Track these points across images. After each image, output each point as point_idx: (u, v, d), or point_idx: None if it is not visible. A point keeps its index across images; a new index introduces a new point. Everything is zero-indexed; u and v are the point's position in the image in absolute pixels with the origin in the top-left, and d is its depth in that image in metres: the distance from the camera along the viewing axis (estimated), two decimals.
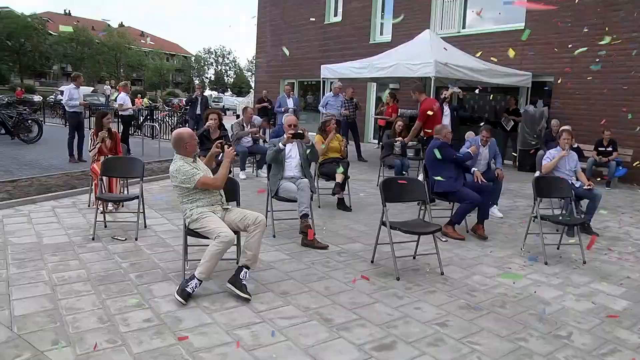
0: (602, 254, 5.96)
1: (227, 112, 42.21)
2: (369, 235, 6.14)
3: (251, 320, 3.74)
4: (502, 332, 3.74)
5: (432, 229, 4.94)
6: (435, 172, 6.41)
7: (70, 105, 11.07)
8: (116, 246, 5.38)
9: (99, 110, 7.62)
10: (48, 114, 24.05)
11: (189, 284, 4.05)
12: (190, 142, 4.40)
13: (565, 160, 6.99)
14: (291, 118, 6.36)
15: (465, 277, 4.93)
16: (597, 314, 4.18)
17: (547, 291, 4.63)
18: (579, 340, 3.68)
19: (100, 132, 7.04)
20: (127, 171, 6.26)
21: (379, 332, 3.64)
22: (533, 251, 5.85)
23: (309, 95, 22.08)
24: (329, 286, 4.50)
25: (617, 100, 11.62)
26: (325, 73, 13.55)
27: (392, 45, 14.47)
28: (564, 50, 12.39)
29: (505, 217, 7.57)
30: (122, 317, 3.70)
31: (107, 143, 7.10)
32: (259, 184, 9.34)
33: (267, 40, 22.70)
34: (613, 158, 10.81)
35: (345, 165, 7.52)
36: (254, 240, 4.27)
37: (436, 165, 6.41)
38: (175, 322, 3.65)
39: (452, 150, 6.54)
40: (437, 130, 6.68)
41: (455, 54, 12.02)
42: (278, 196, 6.09)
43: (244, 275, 4.21)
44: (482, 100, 15.24)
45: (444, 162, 6.38)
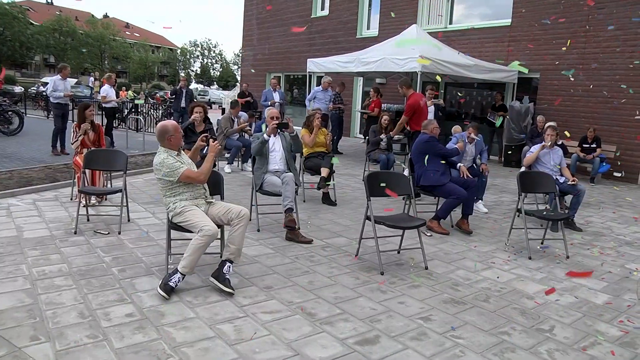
0: (585, 249, 6.02)
1: (213, 106, 42.03)
2: (354, 229, 6.16)
3: (234, 315, 3.72)
4: (485, 326, 3.77)
5: (417, 224, 4.95)
6: (421, 166, 6.44)
7: (55, 97, 10.97)
8: (99, 240, 5.34)
9: (81, 102, 7.51)
10: (30, 106, 23.75)
11: (171, 278, 4.03)
12: (174, 135, 4.36)
13: (549, 155, 7.05)
14: (273, 111, 6.35)
15: (450, 271, 4.95)
16: (579, 307, 4.22)
17: (530, 285, 4.67)
18: (561, 333, 3.72)
19: (83, 125, 6.97)
20: (111, 164, 6.20)
21: (363, 327, 3.64)
22: (517, 246, 5.90)
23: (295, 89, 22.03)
24: (312, 280, 4.50)
25: (602, 96, 11.72)
26: (311, 67, 13.53)
27: (379, 40, 14.50)
28: (550, 46, 12.49)
29: (490, 212, 7.63)
30: (104, 312, 3.66)
31: (90, 135, 7.03)
32: (244, 177, 9.32)
33: (253, 33, 22.59)
34: (597, 154, 10.92)
35: (330, 159, 7.51)
36: (238, 234, 4.26)
37: (422, 160, 6.44)
38: (157, 317, 3.62)
39: (440, 145, 6.57)
40: (424, 125, 6.71)
41: (442, 49, 12.05)
42: (262, 190, 6.08)
43: (227, 269, 4.19)
44: (469, 96, 15.31)
45: (431, 157, 6.41)
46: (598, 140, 11.02)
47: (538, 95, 13.07)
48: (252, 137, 6.32)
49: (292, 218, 5.67)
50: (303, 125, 7.95)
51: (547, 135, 7.08)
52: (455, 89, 15.67)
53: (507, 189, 9.63)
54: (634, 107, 11.15)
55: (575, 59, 12.12)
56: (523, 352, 3.41)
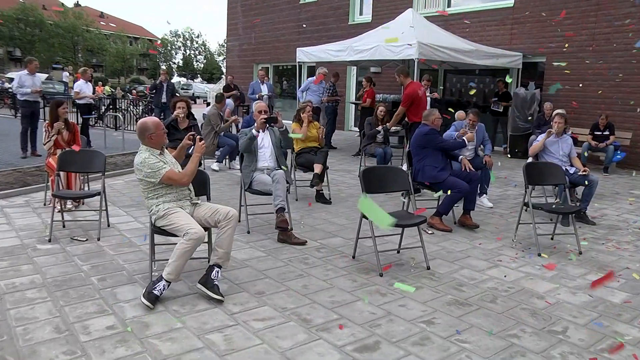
0: (599, 244, 6.04)
1: (197, 100, 41.98)
2: (350, 229, 6.16)
3: (224, 323, 3.72)
4: (492, 328, 3.77)
5: (417, 221, 4.96)
6: (421, 159, 6.44)
7: (22, 94, 10.75)
8: (76, 247, 5.31)
9: (54, 99, 7.45)
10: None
11: (156, 286, 4.01)
12: (156, 132, 4.33)
13: (558, 144, 7.05)
14: (261, 104, 6.35)
15: (453, 271, 4.97)
16: (594, 307, 4.22)
17: (540, 284, 4.68)
18: (575, 335, 3.72)
19: (56, 123, 6.92)
20: (87, 165, 6.15)
21: (361, 332, 3.64)
22: (525, 242, 5.91)
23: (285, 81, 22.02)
24: (307, 284, 4.50)
25: (614, 80, 11.73)
26: (301, 56, 13.52)
27: (373, 26, 14.49)
28: (557, 28, 12.50)
29: (496, 206, 7.65)
30: (82, 325, 3.63)
31: (64, 135, 6.98)
32: (232, 176, 9.31)
33: (238, 22, 22.55)
34: (610, 142, 10.93)
35: (323, 155, 7.52)
36: (226, 236, 4.25)
37: (422, 153, 6.44)
38: (141, 328, 3.61)
39: (440, 138, 6.57)
40: (424, 116, 6.70)
41: (440, 34, 12.06)
42: (252, 189, 6.07)
43: (216, 274, 4.18)
44: (470, 84, 15.33)
45: (431, 150, 6.41)
46: (611, 126, 11.02)
47: (545, 80, 13.09)
48: (240, 133, 6.31)
49: (284, 218, 5.66)
50: (293, 118, 7.94)
51: (554, 123, 7.09)
52: (455, 77, 15.69)
53: (513, 181, 9.66)
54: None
55: (584, 40, 12.14)
56: (534, 355, 3.41)
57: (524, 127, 12.41)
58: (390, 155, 9.23)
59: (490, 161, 7.38)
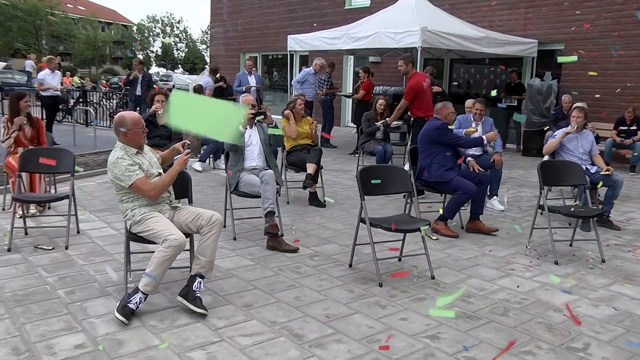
0: (625, 251, 6.07)
1: None
2: (346, 234, 6.19)
3: (207, 340, 3.72)
4: (504, 344, 3.78)
5: (420, 226, 4.97)
6: (428, 156, 6.45)
7: None
8: (40, 257, 5.30)
9: (14, 91, 7.41)
10: None
11: (131, 299, 4.00)
12: (132, 129, 4.29)
13: (577, 141, 7.06)
14: (249, 98, 6.37)
15: (460, 281, 4.99)
16: (620, 321, 4.24)
17: (557, 296, 4.70)
18: (599, 353, 3.72)
19: (17, 119, 6.86)
20: (54, 165, 6.14)
21: (359, 349, 3.66)
22: (540, 249, 5.94)
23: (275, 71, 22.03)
24: (299, 296, 4.52)
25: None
26: (293, 45, 13.55)
27: (371, 11, 14.53)
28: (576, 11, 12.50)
29: (508, 210, 7.68)
30: (46, 345, 3.60)
31: (26, 131, 6.94)
32: (217, 177, 9.32)
33: (223, 6, 22.56)
34: (638, 138, 10.94)
35: (317, 153, 7.52)
36: (209, 243, 4.25)
37: (431, 149, 6.45)
38: (115, 347, 3.60)
39: (454, 134, 6.61)
40: (437, 109, 6.71)
41: (446, 19, 12.10)
42: (239, 191, 6.08)
43: (198, 285, 4.19)
44: (479, 74, 15.38)
45: (441, 147, 6.42)
46: (639, 120, 11.06)
47: (563, 70, 13.13)
48: None
49: (273, 223, 5.67)
50: (282, 114, 7.96)
51: (573, 118, 7.11)
52: (463, 67, 15.74)
53: (527, 182, 9.70)
54: None
55: (609, 24, 12.15)
56: None
57: (539, 122, 12.42)
58: (390, 154, 9.26)
59: (500, 160, 7.40)
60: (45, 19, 60.95)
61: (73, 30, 66.05)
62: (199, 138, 9.61)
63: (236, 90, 13.78)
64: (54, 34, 64.53)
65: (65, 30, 64.75)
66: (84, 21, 69.37)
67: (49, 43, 65.05)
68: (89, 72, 62.92)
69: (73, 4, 71.02)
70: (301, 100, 7.79)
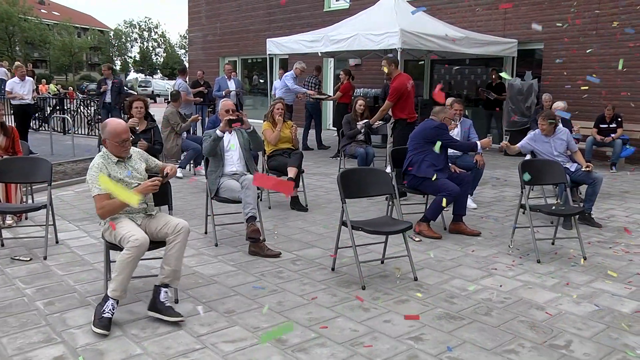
0: (606, 248, 6.15)
1: (158, 99, 41.79)
2: (329, 238, 6.20)
3: (190, 347, 3.72)
4: (487, 344, 3.83)
5: (402, 228, 5.00)
6: (421, 152, 6.48)
7: None
8: (17, 269, 5.25)
9: None
10: None
11: (104, 309, 3.97)
12: (110, 140, 4.28)
13: (550, 144, 7.08)
14: (227, 102, 6.38)
15: (443, 281, 5.03)
16: (600, 317, 4.30)
17: (540, 294, 4.76)
18: (580, 349, 3.77)
19: None
20: (30, 175, 6.07)
21: (343, 352, 3.68)
22: (523, 248, 6.00)
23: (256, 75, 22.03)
24: (282, 301, 4.53)
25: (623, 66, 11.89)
26: (272, 48, 13.57)
27: (351, 13, 14.58)
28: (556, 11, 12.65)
29: (490, 209, 7.75)
30: (24, 358, 3.57)
31: (0, 141, 6.89)
32: (197, 183, 9.31)
33: (201, 10, 22.53)
34: (618, 136, 11.07)
35: (298, 157, 7.54)
36: (174, 252, 4.21)
37: (425, 147, 6.48)
38: (95, 357, 3.57)
39: (451, 135, 6.65)
40: (435, 112, 6.71)
41: (425, 21, 12.18)
42: (219, 197, 6.08)
43: (165, 296, 4.15)
44: (460, 75, 15.49)
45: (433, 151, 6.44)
46: (619, 118, 11.20)
47: (543, 69, 13.27)
48: (204, 135, 6.32)
49: (255, 228, 5.68)
50: (265, 117, 7.98)
51: (540, 126, 7.13)
52: (444, 68, 15.84)
53: (510, 181, 9.79)
54: None
55: (586, 22, 12.29)
56: None
57: (520, 122, 12.55)
58: (372, 156, 9.29)
59: (482, 160, 7.46)
60: (18, 25, 60.15)
61: (48, 37, 65.26)
62: (177, 143, 9.63)
63: (216, 94, 13.78)
64: (27, 40, 63.71)
65: (40, 37, 63.98)
66: (59, 27, 68.63)
67: (23, 49, 64.28)
68: (66, 79, 62.38)
69: (47, 9, 70.35)
70: (281, 104, 7.81)
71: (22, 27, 61.39)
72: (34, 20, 63.45)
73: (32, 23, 62.86)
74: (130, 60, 79.58)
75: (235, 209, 6.18)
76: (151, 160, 4.66)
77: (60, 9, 76.59)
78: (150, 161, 4.65)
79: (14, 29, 60.44)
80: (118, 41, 79.65)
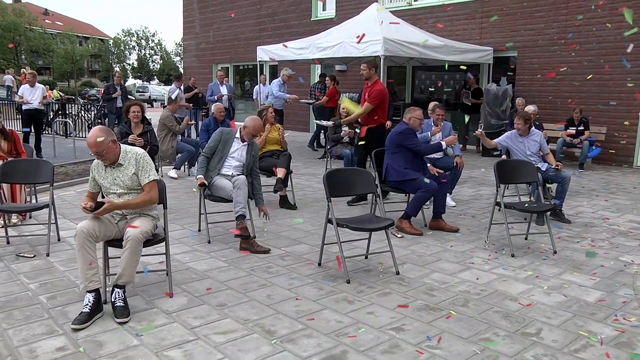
0: (575, 242, 6.20)
1: (155, 104, 41.65)
2: (316, 235, 6.21)
3: (184, 339, 3.72)
4: (464, 333, 3.85)
5: (385, 224, 5.01)
6: (395, 158, 6.48)
7: None
8: (22, 265, 5.23)
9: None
10: None
11: (83, 304, 4.00)
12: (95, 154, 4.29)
13: (524, 144, 7.18)
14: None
15: (424, 275, 5.04)
16: (568, 307, 4.34)
17: (513, 286, 4.79)
18: (549, 337, 3.82)
19: None
20: (34, 176, 6.03)
21: (328, 342, 3.68)
22: (498, 243, 6.03)
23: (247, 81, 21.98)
24: (271, 294, 4.53)
25: (588, 73, 12.01)
26: (262, 55, 13.55)
27: (337, 23, 14.61)
28: (527, 21, 12.75)
29: (468, 207, 7.78)
30: (29, 349, 3.57)
31: (2, 145, 6.83)
32: (191, 183, 9.26)
33: (195, 19, 22.46)
34: (585, 138, 11.18)
35: (286, 158, 7.54)
36: (123, 257, 4.14)
37: (397, 150, 6.49)
38: (95, 348, 3.57)
39: (415, 140, 6.58)
40: (404, 115, 6.70)
41: (407, 29, 12.21)
42: (212, 196, 6.06)
43: (118, 296, 4.11)
44: (440, 80, 15.53)
45: (407, 152, 6.46)
46: (586, 122, 11.29)
47: (517, 75, 13.34)
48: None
49: (243, 226, 5.66)
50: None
51: (516, 124, 7.23)
52: (425, 74, 15.89)
53: (486, 181, 9.83)
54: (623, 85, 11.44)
55: (555, 32, 12.40)
56: (507, 359, 3.49)
57: (496, 125, 12.62)
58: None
59: (461, 162, 7.49)
60: (24, 35, 59.85)
61: (51, 45, 64.96)
62: (172, 145, 9.60)
63: (208, 99, 13.75)
64: (32, 48, 63.39)
65: (44, 45, 63.71)
66: (62, 36, 68.36)
67: (28, 58, 63.94)
68: (68, 85, 62.02)
69: (50, 19, 69.91)
70: (271, 110, 7.81)
71: (28, 37, 61.02)
72: (39, 30, 63.08)
73: (36, 33, 62.51)
74: (128, 67, 79.15)
75: (228, 208, 6.16)
76: (143, 173, 4.41)
77: (63, 19, 76.11)
78: (141, 173, 4.41)
79: (20, 38, 60.01)
80: (117, 49, 79.19)
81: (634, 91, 11.11)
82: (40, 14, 69.69)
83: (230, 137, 6.21)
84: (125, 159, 4.39)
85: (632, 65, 11.10)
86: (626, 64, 10.75)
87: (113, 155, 4.33)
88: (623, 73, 11.37)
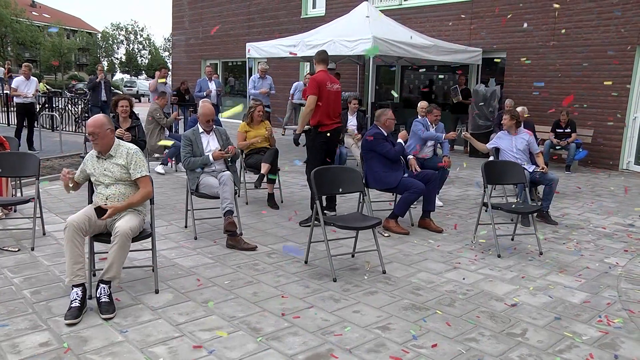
0: (561, 244, 6.24)
1: (142, 99, 41.43)
2: (303, 233, 6.21)
3: (169, 335, 3.70)
4: (450, 332, 3.86)
5: (372, 223, 5.02)
6: (371, 164, 6.47)
7: None
8: (6, 259, 5.18)
9: None
10: None
11: (71, 300, 3.96)
12: (90, 134, 4.32)
13: (511, 141, 7.25)
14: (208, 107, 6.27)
15: (410, 274, 5.05)
16: (553, 308, 4.37)
17: (499, 286, 4.81)
18: (534, 337, 3.83)
19: None
20: (19, 169, 5.96)
21: (314, 340, 3.68)
22: (485, 244, 6.06)
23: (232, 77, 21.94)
24: (257, 292, 4.52)
25: (575, 76, 12.09)
26: (251, 52, 13.52)
27: (326, 20, 14.60)
28: (517, 22, 12.81)
29: (455, 207, 7.81)
30: (11, 344, 3.53)
31: None
32: (179, 179, 9.25)
33: (184, 15, 22.37)
34: (572, 140, 11.26)
35: (271, 153, 7.49)
36: (110, 252, 4.13)
37: (373, 160, 6.48)
38: (79, 344, 3.55)
39: (383, 144, 6.43)
40: (376, 116, 6.66)
41: (396, 29, 12.22)
42: (199, 193, 6.04)
43: (101, 291, 4.08)
44: (429, 80, 15.57)
45: (379, 156, 6.46)
46: (573, 124, 11.36)
47: (505, 77, 13.40)
48: (184, 137, 6.22)
49: (231, 221, 5.65)
50: (244, 117, 7.93)
51: (504, 120, 7.32)
52: (414, 73, 15.91)
53: (474, 181, 9.85)
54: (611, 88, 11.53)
55: (544, 35, 12.47)
56: (492, 359, 3.50)
57: (484, 125, 12.66)
58: (345, 155, 9.30)
59: (448, 162, 7.51)
60: (11, 26, 59.26)
61: (38, 38, 64.35)
62: (161, 138, 9.56)
63: (197, 95, 13.69)
64: (19, 41, 62.77)
65: (31, 38, 63.06)
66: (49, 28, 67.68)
67: (15, 50, 63.32)
68: (55, 78, 61.50)
69: (37, 11, 69.23)
70: (260, 106, 7.76)
71: (14, 29, 60.36)
72: (26, 22, 62.43)
73: (23, 25, 61.85)
74: (116, 61, 78.69)
75: (215, 204, 6.14)
76: (136, 168, 4.42)
77: (50, 11, 75.40)
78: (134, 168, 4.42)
79: (6, 30, 59.39)
80: (105, 43, 78.71)
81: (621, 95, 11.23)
82: (27, 5, 68.91)
83: (196, 136, 6.17)
84: (116, 152, 4.44)
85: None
86: (617, 12, 10.90)
87: (106, 144, 4.39)
88: (610, 77, 11.45)
